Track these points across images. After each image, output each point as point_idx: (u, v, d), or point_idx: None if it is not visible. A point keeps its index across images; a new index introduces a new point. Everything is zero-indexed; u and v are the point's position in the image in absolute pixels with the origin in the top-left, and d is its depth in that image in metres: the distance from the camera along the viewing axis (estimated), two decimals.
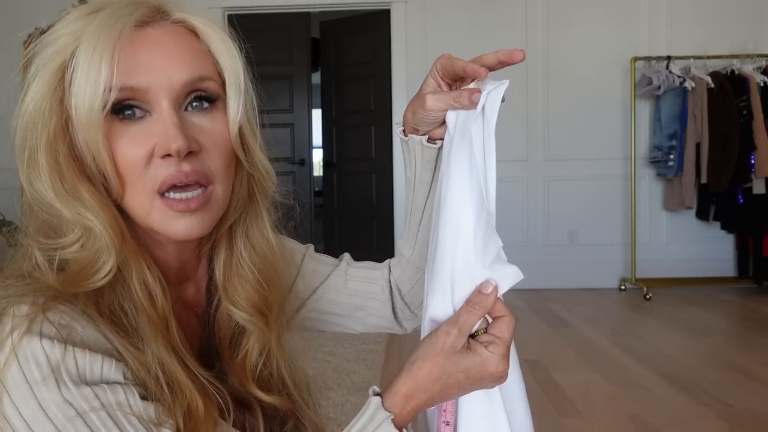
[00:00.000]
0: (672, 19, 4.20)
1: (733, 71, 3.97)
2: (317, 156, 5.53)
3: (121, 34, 0.50)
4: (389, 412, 0.53)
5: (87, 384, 0.46)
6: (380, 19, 4.41)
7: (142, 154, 0.51)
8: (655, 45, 4.18)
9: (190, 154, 0.52)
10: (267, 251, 0.62)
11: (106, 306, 0.51)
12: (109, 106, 0.50)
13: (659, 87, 3.99)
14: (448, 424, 0.57)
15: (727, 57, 4.01)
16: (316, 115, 5.07)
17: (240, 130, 0.58)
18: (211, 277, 0.62)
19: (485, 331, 0.55)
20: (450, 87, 0.67)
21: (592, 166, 4.28)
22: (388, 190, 4.45)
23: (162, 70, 0.52)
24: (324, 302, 0.76)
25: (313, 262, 0.76)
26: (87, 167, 0.51)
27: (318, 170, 5.77)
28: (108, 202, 0.52)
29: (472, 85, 0.63)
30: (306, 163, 4.81)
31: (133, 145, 0.51)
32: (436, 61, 0.67)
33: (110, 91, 0.49)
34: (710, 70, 4.02)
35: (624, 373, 2.46)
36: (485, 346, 0.53)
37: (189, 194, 0.52)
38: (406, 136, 0.69)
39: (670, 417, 2.01)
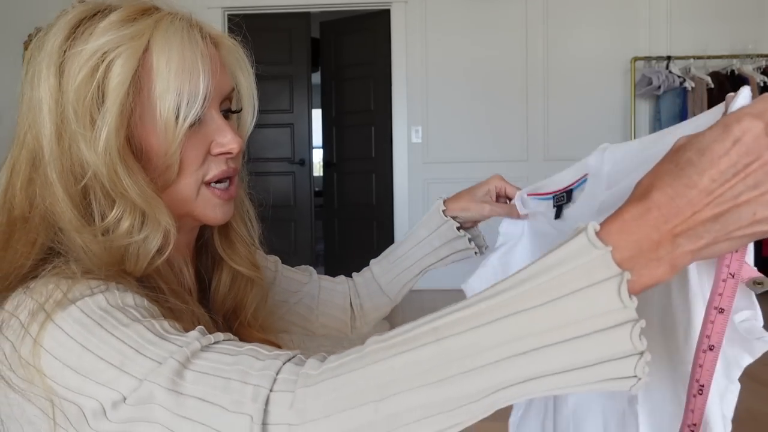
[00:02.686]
0: (672, 19, 4.20)
1: (733, 71, 3.97)
2: (317, 156, 5.53)
3: (202, 53, 0.55)
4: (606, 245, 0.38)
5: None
6: (380, 19, 4.42)
7: (201, 153, 0.58)
8: (655, 45, 4.18)
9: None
10: (246, 219, 0.70)
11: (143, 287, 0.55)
12: (196, 119, 0.56)
13: (659, 87, 4.00)
14: (722, 311, 0.43)
15: (727, 57, 4.01)
16: (316, 115, 5.07)
17: None
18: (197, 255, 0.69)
19: None
20: (497, 199, 0.84)
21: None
22: (388, 190, 4.45)
23: (218, 79, 0.58)
24: (300, 307, 0.85)
25: (287, 271, 0.86)
26: (140, 158, 0.55)
27: (318, 170, 5.77)
28: (157, 190, 0.56)
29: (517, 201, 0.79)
30: (306, 163, 4.81)
31: (195, 146, 0.57)
32: (492, 180, 0.84)
33: (203, 104, 0.55)
34: (710, 70, 4.03)
35: None
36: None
37: (227, 185, 0.61)
38: (446, 216, 0.84)
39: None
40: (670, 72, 4.00)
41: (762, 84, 3.91)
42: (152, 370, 0.44)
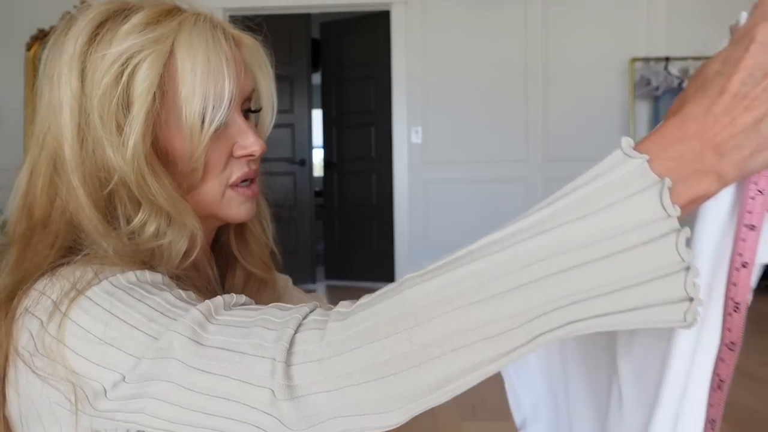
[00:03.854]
0: (670, 19, 4.21)
1: None
2: (317, 156, 5.53)
3: (227, 56, 0.54)
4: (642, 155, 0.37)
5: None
6: (380, 20, 4.42)
7: (223, 156, 0.58)
8: (654, 46, 4.18)
9: None
10: (263, 219, 0.70)
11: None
12: (223, 122, 0.55)
13: (658, 88, 4.00)
14: (753, 228, 0.41)
15: None
16: (317, 115, 5.08)
17: None
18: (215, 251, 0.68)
19: None
20: None
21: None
22: (389, 191, 4.46)
23: (240, 82, 0.57)
24: None
25: (296, 292, 0.83)
26: (165, 162, 0.54)
27: (318, 170, 5.78)
28: (183, 193, 0.55)
29: None
30: (306, 163, 4.82)
31: (218, 149, 0.57)
32: None
33: (229, 106, 0.55)
34: None
35: None
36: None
37: (249, 183, 0.61)
38: None
39: None
40: (669, 73, 4.01)
41: None
42: (174, 321, 0.43)
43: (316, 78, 5.09)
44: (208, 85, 0.53)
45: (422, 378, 0.38)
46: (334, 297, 4.00)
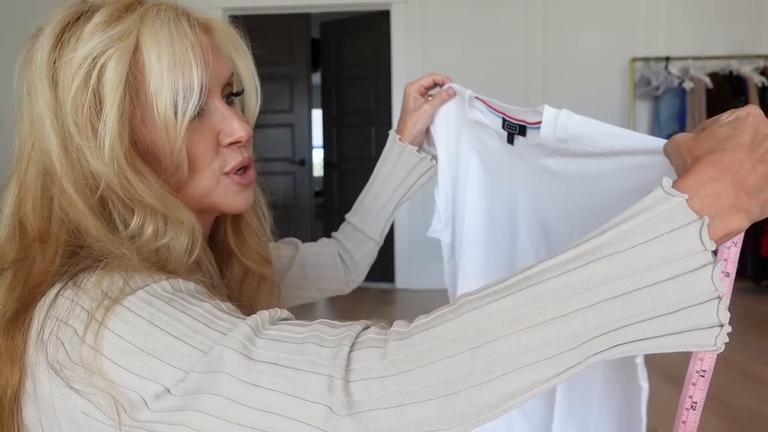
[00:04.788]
0: (670, 20, 4.21)
1: (731, 72, 3.98)
2: (317, 156, 5.53)
3: (192, 43, 0.53)
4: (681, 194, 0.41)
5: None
6: (380, 20, 4.42)
7: (211, 145, 0.57)
8: (654, 46, 4.18)
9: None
10: (259, 210, 0.70)
11: None
12: (197, 111, 0.54)
13: (658, 88, 4.00)
14: (727, 275, 0.49)
15: (725, 58, 4.02)
16: (317, 115, 5.08)
17: None
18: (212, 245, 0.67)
19: None
20: (424, 96, 0.89)
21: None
22: None
23: (213, 67, 0.56)
24: (295, 280, 0.87)
25: (276, 250, 0.85)
26: (149, 161, 0.53)
27: (318, 170, 5.78)
28: (172, 190, 0.55)
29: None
30: (306, 163, 4.81)
31: (202, 139, 0.56)
32: (406, 89, 0.89)
33: (200, 95, 0.53)
34: (709, 71, 4.03)
35: None
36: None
37: (245, 171, 0.60)
38: (402, 143, 0.88)
39: (669, 416, 2.02)
40: (669, 73, 4.01)
41: (761, 85, 3.92)
42: (223, 336, 0.43)
43: (316, 78, 5.09)
44: (176, 74, 0.52)
45: (483, 396, 0.40)
46: (334, 297, 4.00)
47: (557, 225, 0.72)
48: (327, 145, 4.96)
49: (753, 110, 0.45)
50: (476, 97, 0.79)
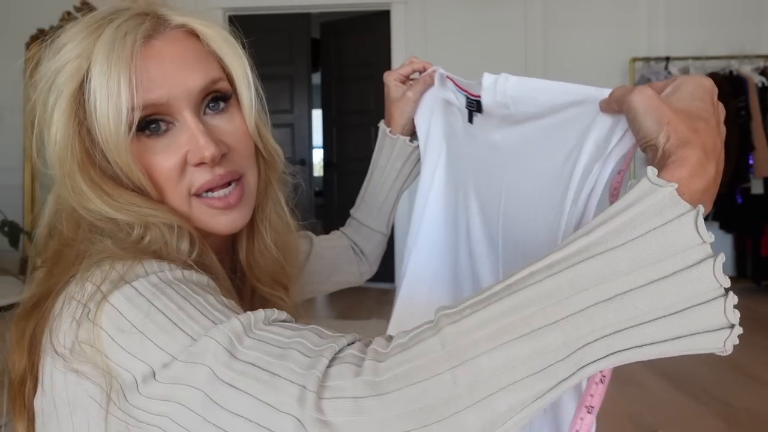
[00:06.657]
0: (670, 19, 4.21)
1: (731, 72, 3.98)
2: (317, 156, 5.53)
3: (132, 52, 0.51)
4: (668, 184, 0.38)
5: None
6: (380, 20, 4.42)
7: (175, 165, 0.53)
8: (654, 46, 4.18)
9: (221, 157, 0.54)
10: (283, 229, 0.66)
11: None
12: (134, 127, 0.51)
13: None
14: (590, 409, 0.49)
15: (725, 58, 4.02)
16: (317, 115, 5.08)
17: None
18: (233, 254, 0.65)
19: None
20: (406, 83, 0.88)
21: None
22: None
23: (177, 80, 0.53)
24: (312, 275, 0.85)
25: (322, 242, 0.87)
26: (124, 181, 0.53)
27: (318, 170, 5.78)
28: (157, 201, 0.54)
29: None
30: (306, 163, 4.82)
31: (165, 159, 0.53)
32: (385, 78, 0.89)
33: (133, 111, 0.50)
34: (709, 71, 4.03)
35: (623, 372, 2.46)
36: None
37: (226, 191, 0.55)
38: (394, 135, 0.88)
39: (668, 416, 2.02)
40: (669, 72, 4.01)
41: (761, 85, 3.92)
42: (213, 326, 0.42)
43: (316, 78, 5.09)
44: (109, 92, 0.50)
45: (468, 423, 0.36)
46: (334, 296, 3.99)
47: (491, 202, 0.69)
48: (327, 145, 4.96)
49: (708, 82, 0.44)
50: (447, 76, 0.77)
